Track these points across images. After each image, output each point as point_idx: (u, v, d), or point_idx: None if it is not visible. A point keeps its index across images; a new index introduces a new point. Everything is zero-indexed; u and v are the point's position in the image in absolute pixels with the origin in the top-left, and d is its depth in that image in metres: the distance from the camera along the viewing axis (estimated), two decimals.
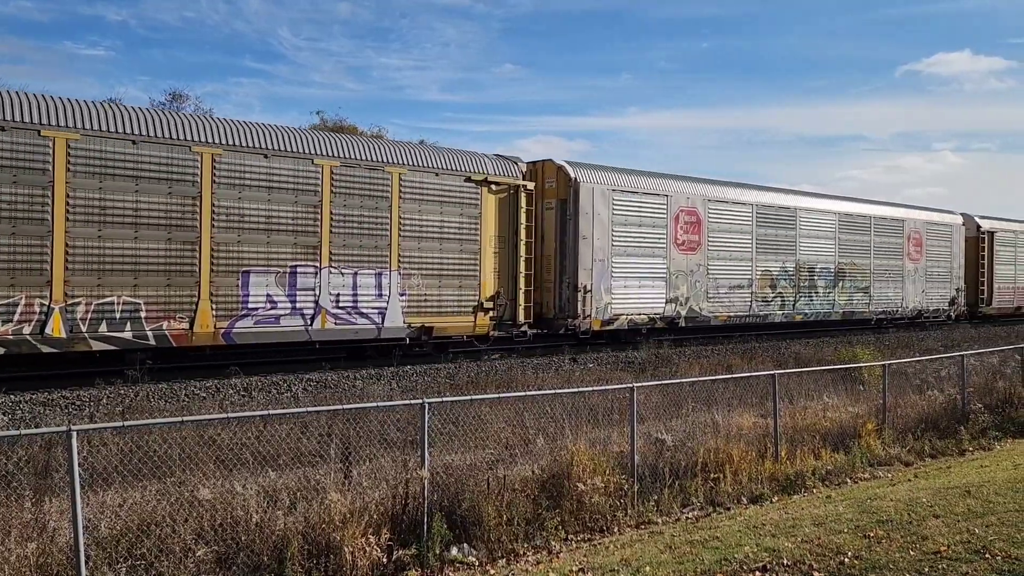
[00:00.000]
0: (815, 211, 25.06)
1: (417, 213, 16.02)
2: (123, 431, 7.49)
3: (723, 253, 21.95)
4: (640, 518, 8.01)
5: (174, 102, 34.88)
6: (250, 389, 13.08)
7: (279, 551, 6.21)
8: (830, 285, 25.13)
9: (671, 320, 20.43)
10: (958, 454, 11.33)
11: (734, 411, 11.02)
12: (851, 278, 25.94)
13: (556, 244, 18.52)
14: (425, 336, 16.03)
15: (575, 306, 18.19)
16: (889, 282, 27.41)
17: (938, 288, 29.57)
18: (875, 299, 26.78)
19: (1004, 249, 32.96)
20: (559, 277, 18.47)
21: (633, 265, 19.61)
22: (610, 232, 19.06)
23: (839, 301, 25.53)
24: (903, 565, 5.23)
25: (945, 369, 14.77)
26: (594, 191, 18.74)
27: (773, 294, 23.27)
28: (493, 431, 8.95)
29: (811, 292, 24.48)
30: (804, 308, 24.23)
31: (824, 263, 24.97)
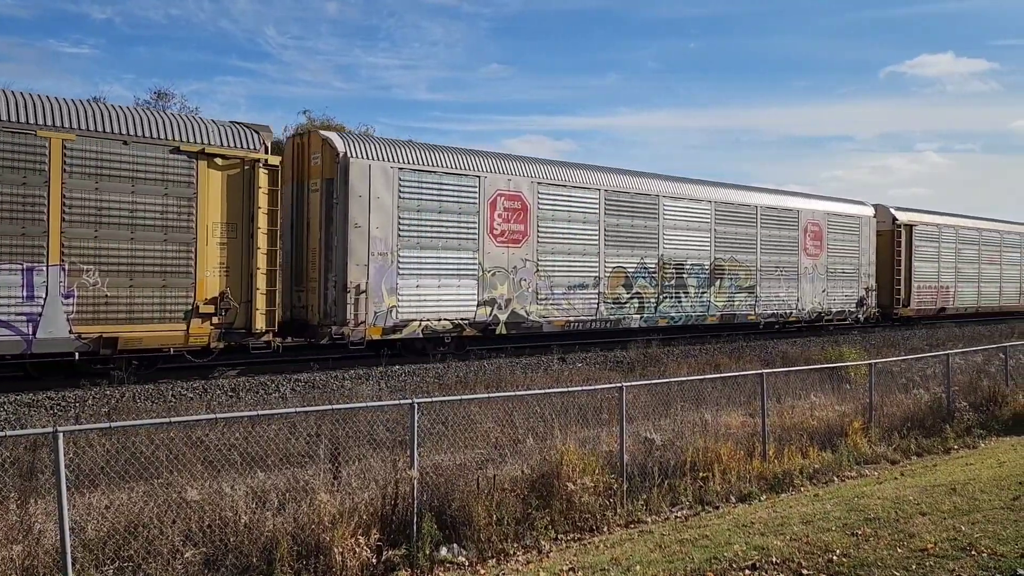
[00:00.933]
0: (684, 199, 21.53)
1: (94, 192, 12.21)
2: (109, 432, 7.44)
3: (559, 247, 18.49)
4: (630, 517, 8.03)
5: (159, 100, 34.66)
6: (238, 390, 13.01)
7: (268, 552, 6.18)
8: (704, 284, 21.86)
9: (486, 326, 17.07)
10: (944, 452, 11.42)
11: (722, 410, 11.06)
12: (732, 276, 22.62)
13: (321, 234, 15.36)
14: (108, 350, 12.32)
15: (343, 310, 14.97)
16: (781, 281, 23.99)
17: (843, 288, 26.26)
18: (763, 300, 23.39)
19: (925, 244, 29.75)
20: (323, 275, 15.24)
21: (430, 260, 16.26)
22: (395, 220, 15.74)
23: (716, 303, 22.19)
24: (891, 562, 5.27)
25: (931, 368, 14.87)
26: (371, 169, 15.38)
27: (628, 295, 19.98)
28: (482, 431, 8.94)
29: (679, 293, 21.24)
30: (670, 311, 20.85)
31: (696, 259, 21.70)
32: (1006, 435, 12.45)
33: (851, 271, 26.69)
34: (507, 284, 17.48)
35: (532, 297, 17.94)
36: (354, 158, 15.25)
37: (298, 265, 15.91)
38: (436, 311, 16.33)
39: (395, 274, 15.75)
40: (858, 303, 26.75)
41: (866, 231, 27.43)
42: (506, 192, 17.57)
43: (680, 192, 21.60)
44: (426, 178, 16.32)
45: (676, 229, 21.27)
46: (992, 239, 33.52)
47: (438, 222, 16.51)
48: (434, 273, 16.38)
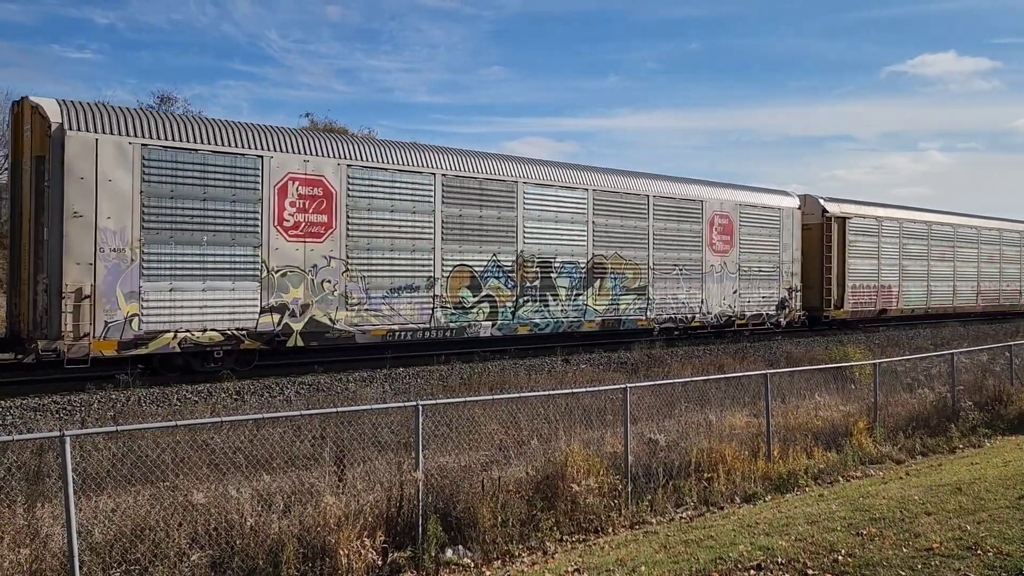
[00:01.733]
0: (552, 185, 18.57)
1: None
2: (115, 436, 7.47)
3: (379, 242, 15.69)
4: (635, 518, 8.03)
5: (163, 104, 34.74)
6: (242, 393, 13.04)
7: (274, 555, 6.20)
8: (580, 285, 18.96)
9: (272, 337, 14.28)
10: (949, 452, 11.40)
11: (727, 411, 11.05)
12: (617, 276, 19.76)
13: (31, 226, 12.67)
14: None
15: (57, 320, 12.11)
16: (680, 281, 21.30)
17: (761, 288, 23.39)
18: (657, 303, 20.61)
19: (862, 239, 26.82)
20: (32, 276, 12.61)
21: (190, 258, 13.41)
22: (137, 208, 12.86)
23: (595, 306, 19.24)
24: (896, 562, 5.27)
25: (935, 367, 14.84)
26: (99, 145, 12.49)
27: (476, 298, 17.07)
28: (487, 432, 8.95)
29: (546, 295, 18.26)
30: (533, 317, 17.93)
31: (570, 256, 18.80)
32: (1012, 434, 12.43)
33: (770, 269, 23.87)
34: (303, 286, 14.70)
35: (340, 302, 15.13)
36: (73, 130, 12.30)
37: (14, 265, 13.37)
38: (200, 320, 13.48)
39: (137, 275, 12.83)
40: (779, 305, 23.91)
41: (788, 224, 24.42)
42: (301, 176, 14.69)
43: (547, 178, 18.56)
44: (184, 157, 13.37)
45: (542, 221, 18.32)
46: (944, 234, 30.76)
47: (202, 211, 13.52)
48: (196, 274, 13.49)
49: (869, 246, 27.24)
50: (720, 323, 22.36)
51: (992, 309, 33.45)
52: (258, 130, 14.54)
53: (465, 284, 17.04)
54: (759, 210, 23.83)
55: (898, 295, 28.30)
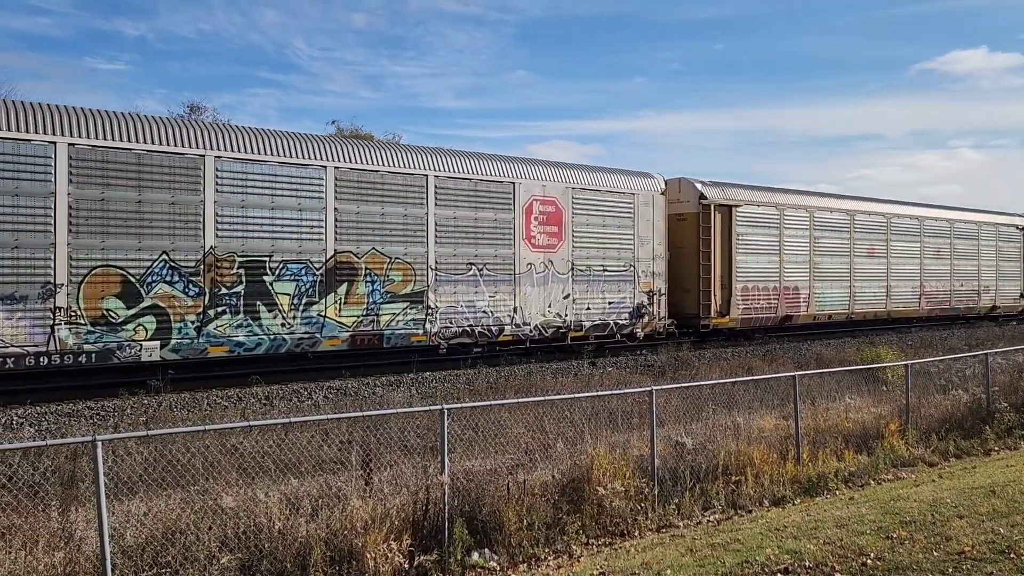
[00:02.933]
0: (264, 161, 14.26)
1: None
2: (147, 440, 7.59)
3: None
4: (661, 521, 8.00)
5: (192, 113, 35.27)
6: (271, 397, 13.18)
7: (302, 558, 6.26)
8: (314, 291, 14.79)
9: None
10: (983, 454, 11.20)
11: (755, 413, 10.96)
12: (376, 278, 15.55)
13: None
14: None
15: None
16: (480, 285, 16.86)
17: (605, 292, 18.90)
18: (441, 312, 16.30)
19: (756, 232, 22.43)
20: None
21: None
22: None
23: (339, 319, 15.00)
24: (927, 566, 5.19)
25: (969, 368, 14.59)
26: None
27: (132, 310, 12.98)
28: (513, 436, 8.96)
29: (256, 305, 14.14)
30: (235, 334, 13.84)
31: (294, 253, 14.59)
32: None
33: (619, 269, 19.31)
34: None
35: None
36: None
37: None
38: None
39: None
40: (633, 313, 19.41)
41: (646, 212, 19.87)
42: None
43: (254, 149, 14.23)
44: None
45: (248, 207, 14.08)
46: (872, 225, 26.35)
47: None
48: None
49: (766, 240, 22.76)
50: (545, 336, 17.87)
51: (942, 313, 28.85)
52: None
53: (113, 291, 12.83)
54: (602, 195, 19.11)
55: (810, 298, 23.87)
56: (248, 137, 14.28)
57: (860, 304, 25.58)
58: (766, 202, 22.97)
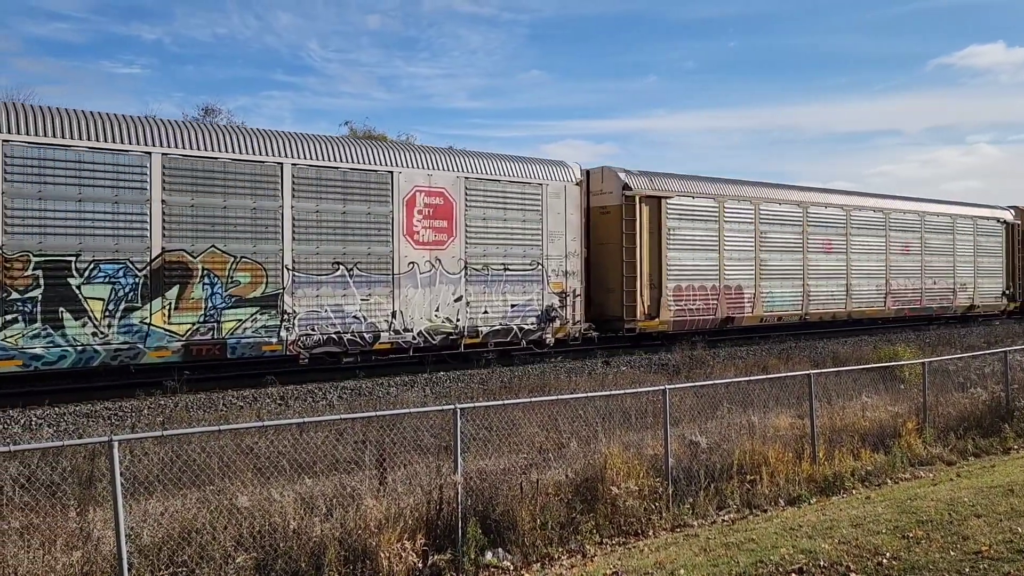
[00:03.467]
0: (67, 146, 12.41)
1: None
2: (163, 440, 7.66)
3: None
4: (675, 521, 7.98)
5: (207, 116, 35.53)
6: (286, 398, 13.26)
7: (316, 557, 6.30)
8: (135, 295, 12.89)
9: None
10: (1003, 452, 11.08)
11: (770, 412, 10.91)
12: (216, 280, 13.63)
13: None
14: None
15: None
16: (350, 286, 14.96)
17: (507, 294, 16.79)
18: (301, 319, 14.48)
19: (691, 226, 20.44)
20: None
21: None
22: None
23: (168, 327, 13.17)
24: (943, 566, 5.15)
25: (989, 366, 14.45)
26: None
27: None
28: (527, 435, 8.97)
29: (59, 311, 12.24)
30: (31, 346, 11.93)
31: (109, 252, 12.68)
32: None
33: (525, 268, 17.18)
34: None
35: None
36: None
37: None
38: None
39: None
40: (543, 316, 17.33)
41: (557, 205, 17.68)
42: None
43: (54, 136, 12.29)
44: None
45: (45, 199, 12.17)
46: (829, 219, 24.15)
47: None
48: None
49: (704, 235, 20.77)
50: (432, 342, 15.92)
51: (912, 313, 26.63)
52: None
53: None
54: (503, 186, 16.96)
55: (755, 298, 21.73)
56: (46, 118, 12.31)
57: (816, 304, 23.41)
58: (703, 193, 20.89)
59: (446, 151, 16.98)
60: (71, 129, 12.47)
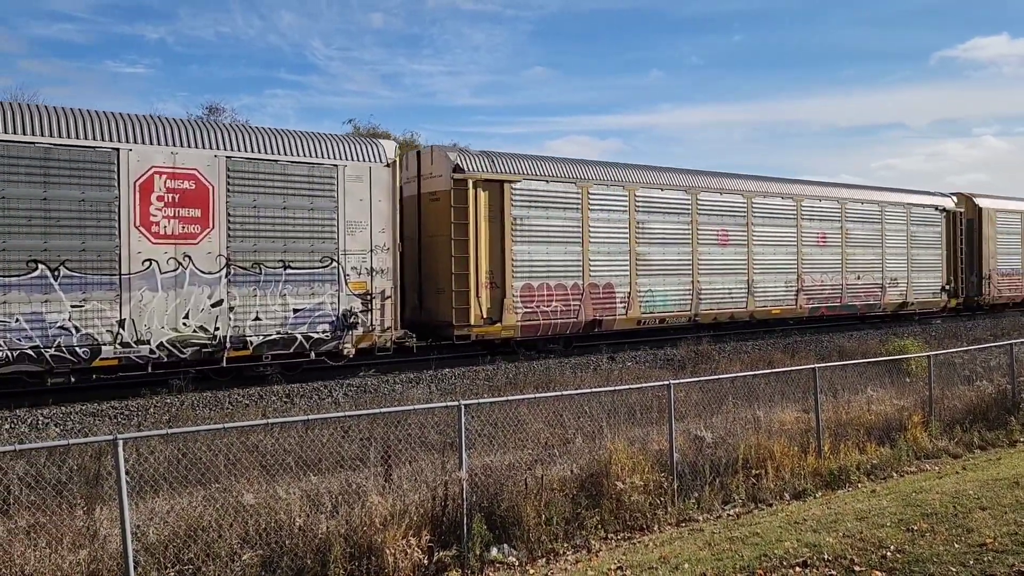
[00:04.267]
0: None
1: None
2: (169, 439, 7.70)
3: None
4: (681, 516, 7.98)
5: (211, 115, 35.60)
6: (292, 396, 13.29)
7: (322, 554, 6.32)
8: None
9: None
10: (1008, 445, 11.05)
11: (776, 406, 10.89)
12: None
13: None
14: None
15: None
16: (57, 291, 11.90)
17: (293, 296, 13.92)
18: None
19: (542, 215, 17.40)
20: None
21: None
22: None
23: None
24: (947, 558, 5.14)
25: (995, 359, 14.40)
26: None
27: None
28: (532, 431, 8.98)
29: None
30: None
31: None
32: None
33: (314, 265, 14.25)
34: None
35: None
36: None
37: None
38: None
39: None
40: (339, 323, 14.43)
41: (359, 190, 14.75)
42: None
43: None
44: None
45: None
46: (727, 207, 20.80)
47: None
48: None
49: (561, 225, 17.73)
50: (182, 356, 12.88)
51: (831, 312, 23.48)
52: None
53: None
54: (282, 167, 13.95)
55: (629, 298, 18.63)
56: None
57: (709, 304, 20.19)
58: (560, 176, 17.75)
59: (200, 123, 13.96)
60: None
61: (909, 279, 25.77)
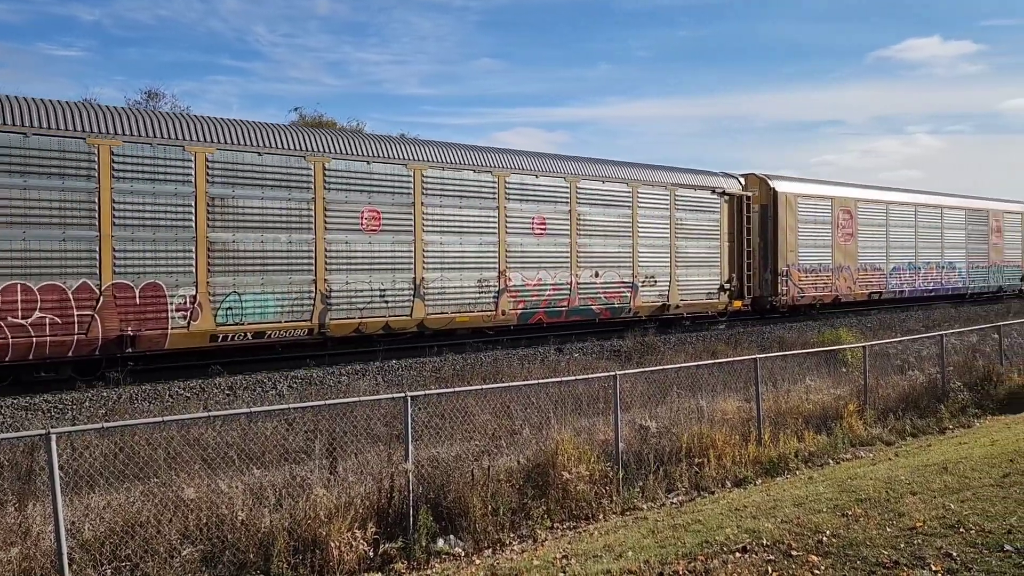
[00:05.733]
0: None
1: None
2: (106, 433, 7.48)
3: None
4: (625, 504, 8.09)
5: (151, 101, 34.61)
6: (235, 388, 13.06)
7: (265, 548, 6.24)
8: None
9: None
10: (939, 432, 11.47)
11: (718, 396, 11.10)
12: None
13: None
14: None
15: None
16: None
17: None
18: None
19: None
20: None
21: None
22: None
23: None
24: (879, 542, 5.32)
25: (926, 349, 14.92)
26: None
27: None
28: (479, 423, 8.99)
29: None
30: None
31: None
32: (1001, 413, 12.51)
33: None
34: None
35: None
36: None
37: None
38: None
39: None
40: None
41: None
42: None
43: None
44: None
45: None
46: (375, 183, 15.75)
47: None
48: None
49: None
50: None
51: (552, 320, 18.60)
52: None
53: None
54: None
55: (200, 305, 13.53)
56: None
57: (344, 311, 15.24)
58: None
59: None
60: None
61: (673, 276, 20.81)
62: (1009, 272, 35.17)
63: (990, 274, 33.92)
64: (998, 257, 34.39)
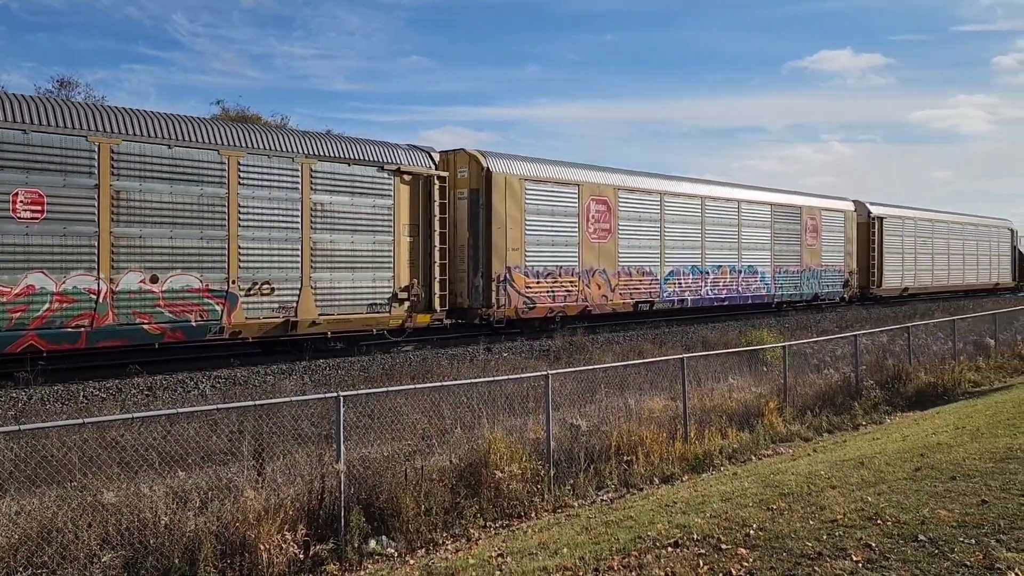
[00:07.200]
0: None
1: None
2: (17, 436, 7.12)
3: None
4: (557, 502, 8.16)
5: (63, 89, 33.09)
6: (154, 388, 12.61)
7: (191, 552, 6.05)
8: None
9: None
10: (853, 428, 11.98)
11: (646, 395, 11.31)
12: None
13: None
14: None
15: None
16: None
17: None
18: None
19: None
20: None
21: None
22: None
23: None
24: (803, 534, 5.52)
25: (840, 349, 15.56)
26: None
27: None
28: (410, 422, 8.92)
29: None
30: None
31: None
32: (910, 410, 13.15)
33: None
34: None
35: None
36: None
37: None
38: None
39: None
40: None
41: None
42: None
43: None
44: None
45: None
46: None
47: None
48: None
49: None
50: None
51: (55, 347, 12.35)
52: None
53: None
54: None
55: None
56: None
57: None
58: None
59: None
60: None
61: (308, 281, 15.36)
62: (828, 278, 30.73)
63: (803, 280, 29.34)
64: (814, 261, 29.83)
